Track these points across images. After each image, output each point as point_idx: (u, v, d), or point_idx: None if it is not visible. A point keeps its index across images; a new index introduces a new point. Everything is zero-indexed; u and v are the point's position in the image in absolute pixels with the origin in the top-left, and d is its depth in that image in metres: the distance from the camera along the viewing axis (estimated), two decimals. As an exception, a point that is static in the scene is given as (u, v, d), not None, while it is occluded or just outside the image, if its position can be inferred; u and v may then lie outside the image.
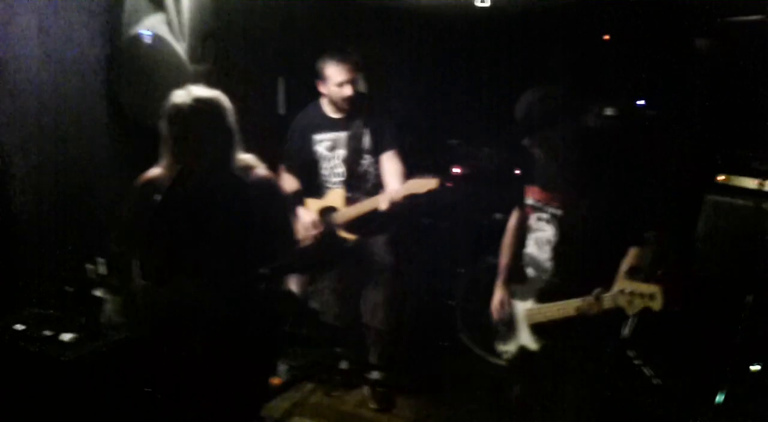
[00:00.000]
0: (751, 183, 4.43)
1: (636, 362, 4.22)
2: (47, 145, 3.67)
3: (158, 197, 2.54)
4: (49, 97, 3.66)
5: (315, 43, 4.71)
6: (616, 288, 2.70)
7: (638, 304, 2.63)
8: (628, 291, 2.65)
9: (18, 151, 3.55)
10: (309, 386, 4.29)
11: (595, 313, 2.76)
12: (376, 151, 4.02)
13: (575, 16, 4.80)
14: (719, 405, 3.54)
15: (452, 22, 4.96)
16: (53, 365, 3.11)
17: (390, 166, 3.98)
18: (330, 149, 4.05)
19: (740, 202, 4.40)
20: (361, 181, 4.05)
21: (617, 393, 3.74)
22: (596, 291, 2.75)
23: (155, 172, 2.74)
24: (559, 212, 2.94)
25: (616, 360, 3.25)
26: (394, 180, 3.91)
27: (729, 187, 4.50)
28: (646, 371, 4.19)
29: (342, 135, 4.03)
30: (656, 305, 2.60)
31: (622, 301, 2.67)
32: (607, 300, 2.72)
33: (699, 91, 4.82)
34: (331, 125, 4.04)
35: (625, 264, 2.81)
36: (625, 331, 3.92)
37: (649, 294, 2.61)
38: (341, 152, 4.03)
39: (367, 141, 4.01)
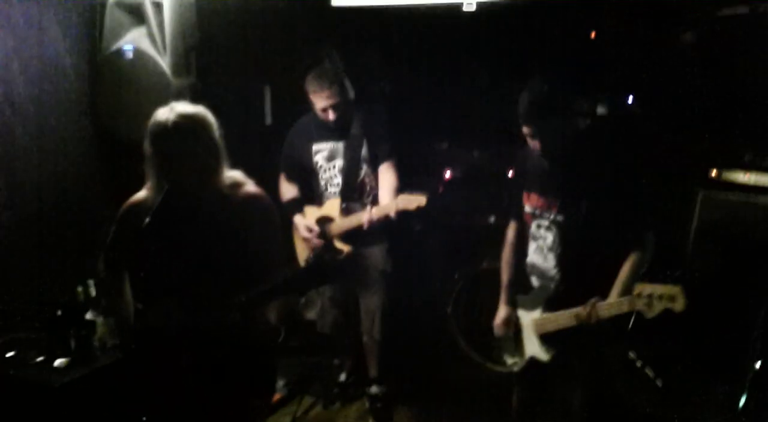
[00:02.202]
0: (742, 177, 4.41)
1: (638, 363, 4.19)
2: (29, 164, 3.60)
3: (147, 219, 2.48)
4: (29, 114, 3.59)
5: (300, 49, 4.67)
6: (634, 291, 2.62)
7: (658, 307, 2.57)
8: (647, 293, 2.58)
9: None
10: (308, 400, 4.22)
11: (608, 318, 2.71)
12: (373, 162, 3.97)
13: (562, 15, 4.76)
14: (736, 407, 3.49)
15: (440, 25, 4.91)
16: (46, 391, 3.05)
17: (385, 178, 3.92)
18: (328, 159, 4.00)
19: (733, 197, 4.38)
20: (357, 192, 3.98)
21: (623, 396, 3.71)
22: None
23: (141, 194, 2.68)
24: (559, 218, 2.87)
25: (621, 362, 3.19)
26: (387, 194, 3.86)
27: (722, 182, 4.49)
28: (649, 372, 4.16)
29: (340, 144, 3.97)
30: (678, 306, 2.54)
31: (641, 304, 2.60)
32: (624, 304, 2.66)
33: (688, 87, 4.80)
34: (329, 134, 3.97)
35: (627, 267, 2.76)
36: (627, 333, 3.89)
37: (670, 295, 2.54)
38: (339, 162, 3.98)
39: (364, 151, 3.95)
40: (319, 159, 4.02)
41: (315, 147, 4.03)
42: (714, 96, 4.64)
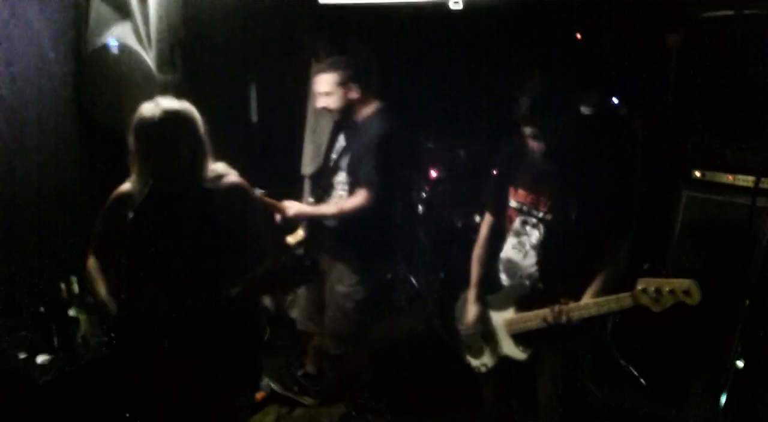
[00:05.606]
0: (724, 178, 4.45)
1: (621, 362, 4.21)
2: (13, 159, 3.56)
3: (131, 214, 2.47)
4: (14, 109, 3.53)
5: (286, 47, 4.65)
6: (637, 286, 2.58)
7: (669, 300, 2.53)
8: (654, 288, 2.55)
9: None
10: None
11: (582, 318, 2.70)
12: (351, 174, 3.65)
13: (546, 15, 4.78)
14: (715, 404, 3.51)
15: (426, 24, 4.91)
16: (30, 388, 3.03)
17: (353, 196, 3.60)
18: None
19: (717, 197, 4.42)
20: (324, 194, 3.82)
21: (605, 393, 3.73)
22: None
23: (126, 187, 2.67)
24: (548, 216, 2.83)
25: (602, 359, 3.19)
26: (332, 204, 3.68)
27: (705, 182, 4.52)
28: (632, 370, 4.19)
29: (342, 141, 3.79)
30: (693, 299, 2.50)
31: (646, 300, 2.57)
32: (625, 299, 2.63)
33: (674, 88, 4.84)
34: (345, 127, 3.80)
35: (599, 279, 2.74)
36: (608, 330, 3.90)
37: (684, 289, 2.51)
38: (333, 155, 3.83)
39: (345, 160, 3.70)
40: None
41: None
42: (699, 97, 4.68)
